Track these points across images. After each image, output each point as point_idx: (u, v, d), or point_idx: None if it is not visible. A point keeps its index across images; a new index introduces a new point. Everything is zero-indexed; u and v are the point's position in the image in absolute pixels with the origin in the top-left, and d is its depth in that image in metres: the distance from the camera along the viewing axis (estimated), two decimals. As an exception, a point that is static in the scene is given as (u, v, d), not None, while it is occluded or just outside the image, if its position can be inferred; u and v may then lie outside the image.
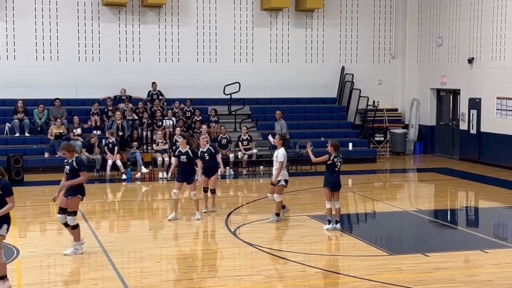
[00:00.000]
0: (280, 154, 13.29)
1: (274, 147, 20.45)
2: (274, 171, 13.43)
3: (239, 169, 20.09)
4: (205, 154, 13.86)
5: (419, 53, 24.84)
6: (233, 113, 22.55)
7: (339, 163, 12.56)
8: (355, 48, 24.77)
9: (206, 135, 13.94)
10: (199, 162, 13.58)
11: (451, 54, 23.11)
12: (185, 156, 13.43)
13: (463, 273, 9.91)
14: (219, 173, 14.57)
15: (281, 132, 19.28)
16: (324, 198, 12.83)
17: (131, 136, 20.12)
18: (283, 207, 13.53)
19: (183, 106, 22.11)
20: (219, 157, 14.57)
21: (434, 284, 9.31)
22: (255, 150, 20.35)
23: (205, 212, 13.96)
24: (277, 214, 13.38)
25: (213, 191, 14.11)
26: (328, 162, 12.55)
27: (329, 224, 12.57)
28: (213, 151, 14.06)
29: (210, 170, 13.90)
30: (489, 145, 21.28)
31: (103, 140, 19.56)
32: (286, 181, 13.40)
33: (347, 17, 24.66)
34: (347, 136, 23.01)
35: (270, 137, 19.64)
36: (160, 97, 22.39)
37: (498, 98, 20.82)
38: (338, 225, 12.57)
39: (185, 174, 13.44)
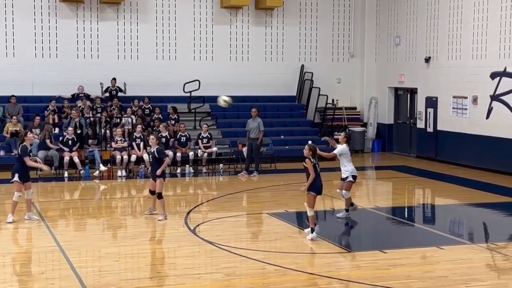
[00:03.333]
0: (338, 149, 13.69)
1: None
2: (342, 167, 13.67)
3: (199, 167, 20.03)
4: (150, 155, 13.66)
5: (377, 52, 25.11)
6: (193, 111, 22.48)
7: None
8: (314, 46, 24.91)
9: (153, 137, 13.63)
10: (166, 160, 13.50)
11: (408, 53, 23.41)
12: (151, 155, 13.46)
13: (420, 270, 10.04)
14: (159, 172, 13.90)
15: (258, 130, 19.21)
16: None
17: (89, 133, 19.88)
18: (352, 204, 13.65)
19: (142, 103, 21.95)
20: (166, 162, 13.57)
21: (391, 281, 9.42)
22: (215, 148, 20.31)
23: (149, 213, 13.71)
24: (346, 210, 13.57)
25: (158, 196, 13.38)
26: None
27: (312, 232, 11.71)
28: (158, 154, 13.46)
29: (155, 172, 13.55)
30: (445, 143, 21.62)
31: (60, 138, 19.35)
32: (354, 177, 13.55)
33: (306, 15, 24.79)
34: (307, 134, 23.12)
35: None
36: (119, 93, 22.18)
37: (454, 97, 21.17)
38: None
39: (154, 172, 13.42)
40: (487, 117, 19.83)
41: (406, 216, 14.97)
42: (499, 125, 19.31)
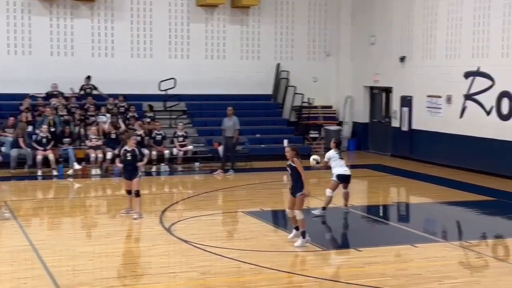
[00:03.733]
0: (327, 155, 14.05)
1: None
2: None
3: (174, 166, 19.95)
4: (128, 154, 13.58)
5: (353, 51, 25.22)
6: (168, 109, 22.39)
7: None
8: (290, 45, 24.95)
9: (134, 138, 13.57)
10: (145, 159, 13.41)
11: (383, 53, 23.55)
12: (130, 154, 13.36)
13: (394, 267, 10.11)
14: (139, 173, 13.56)
15: (234, 129, 19.15)
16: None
17: (63, 132, 19.69)
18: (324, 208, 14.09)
19: (117, 102, 21.80)
20: (143, 161, 13.62)
21: (366, 279, 9.47)
22: (190, 147, 20.26)
23: (126, 213, 13.64)
24: (323, 208, 13.96)
25: (137, 193, 13.37)
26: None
27: (304, 237, 11.12)
28: (137, 154, 13.41)
29: (131, 172, 13.40)
30: (420, 142, 21.79)
31: (33, 136, 19.15)
32: (338, 176, 13.88)
33: (282, 14, 24.81)
34: (282, 133, 23.17)
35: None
36: (94, 91, 22.01)
37: (428, 96, 21.34)
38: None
39: (130, 171, 13.33)
40: (461, 116, 20.02)
41: (381, 214, 15.06)
42: (473, 124, 19.51)
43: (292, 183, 11.30)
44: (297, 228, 11.22)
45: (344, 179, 13.86)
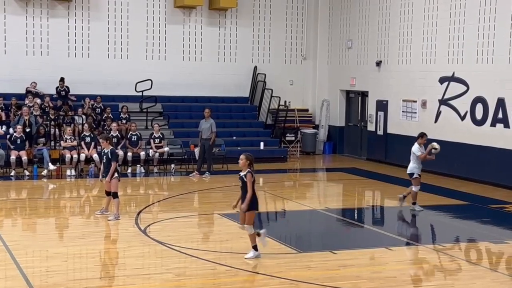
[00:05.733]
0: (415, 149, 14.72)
1: (187, 145, 20.41)
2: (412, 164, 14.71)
3: (150, 167, 19.88)
4: (104, 156, 13.50)
5: (329, 55, 25.35)
6: (145, 110, 22.31)
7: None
8: (267, 48, 25.01)
9: (102, 140, 13.51)
10: (113, 164, 13.29)
11: (360, 57, 23.70)
12: (105, 156, 13.34)
13: (369, 270, 10.17)
14: (116, 174, 13.37)
15: (210, 131, 19.10)
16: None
17: (38, 132, 19.51)
18: (404, 197, 14.89)
19: (93, 102, 21.67)
20: (114, 164, 13.30)
21: (341, 281, 9.51)
22: (166, 148, 20.19)
23: (100, 213, 13.56)
24: (414, 203, 14.62)
25: (114, 195, 13.29)
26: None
27: (256, 250, 10.66)
28: (110, 156, 13.33)
29: (108, 173, 13.38)
30: (394, 146, 21.95)
31: (7, 136, 18.97)
32: (419, 175, 14.69)
33: (260, 17, 24.87)
34: (259, 136, 23.21)
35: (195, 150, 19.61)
36: (69, 94, 21.83)
37: (403, 100, 21.52)
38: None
39: (107, 173, 13.27)
40: (436, 121, 20.22)
41: (356, 217, 15.13)
42: (447, 129, 19.70)
43: (242, 196, 10.56)
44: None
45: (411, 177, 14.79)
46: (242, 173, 10.51)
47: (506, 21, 17.64)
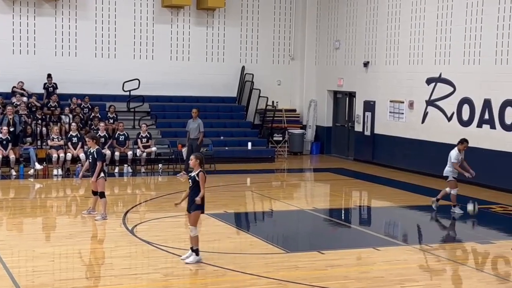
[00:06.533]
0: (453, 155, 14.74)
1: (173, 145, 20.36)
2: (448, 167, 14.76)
3: (137, 167, 19.82)
4: (90, 156, 13.44)
5: (317, 56, 25.39)
6: (132, 110, 22.24)
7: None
8: (255, 48, 25.01)
9: (89, 139, 13.47)
10: (99, 163, 13.24)
11: (347, 58, 23.76)
12: (91, 156, 13.28)
13: (356, 270, 10.19)
14: (102, 174, 13.27)
15: (198, 131, 19.06)
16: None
17: (25, 131, 19.40)
18: (437, 200, 14.96)
19: (80, 102, 21.57)
20: (99, 164, 13.22)
21: (329, 281, 9.53)
22: (154, 148, 20.13)
23: (87, 213, 13.50)
24: (454, 206, 14.67)
25: (101, 195, 13.23)
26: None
27: (197, 254, 10.27)
28: (96, 155, 13.25)
29: (94, 173, 13.27)
30: (382, 146, 22.02)
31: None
32: (454, 178, 14.75)
33: (248, 17, 24.87)
34: (247, 136, 23.21)
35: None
36: (56, 90, 21.74)
37: (391, 101, 21.59)
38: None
39: (93, 172, 13.22)
40: (423, 121, 20.30)
41: (343, 217, 15.17)
42: (434, 130, 19.79)
43: (190, 196, 10.21)
44: (191, 248, 10.29)
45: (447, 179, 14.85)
46: (193, 173, 10.25)
47: (493, 23, 17.75)
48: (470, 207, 13.98)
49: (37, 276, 9.53)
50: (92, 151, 13.30)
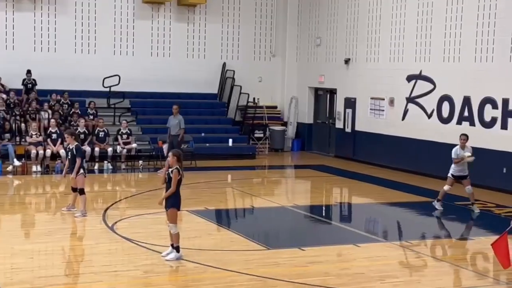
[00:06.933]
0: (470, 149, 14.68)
1: (154, 141, 20.29)
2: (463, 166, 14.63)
3: (118, 164, 19.71)
4: (69, 153, 13.34)
5: (298, 52, 25.42)
6: (112, 106, 22.10)
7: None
8: (236, 45, 24.97)
9: (67, 135, 13.37)
10: (78, 160, 13.14)
11: (328, 55, 23.80)
12: (70, 152, 13.18)
13: (337, 267, 10.22)
14: (81, 170, 13.19)
15: (179, 127, 18.98)
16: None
17: (3, 127, 19.20)
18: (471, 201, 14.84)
19: (59, 98, 21.40)
20: (78, 161, 13.14)
21: (309, 277, 9.55)
22: (134, 145, 20.04)
23: (67, 210, 13.41)
24: (438, 200, 14.75)
25: (80, 191, 13.13)
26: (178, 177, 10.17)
27: (178, 251, 10.26)
28: (75, 152, 13.17)
29: (73, 170, 13.17)
30: (362, 143, 22.10)
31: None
32: (452, 175, 14.70)
33: (229, 13, 24.81)
34: (228, 132, 23.18)
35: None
36: (35, 86, 21.55)
37: (372, 98, 21.67)
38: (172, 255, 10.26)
39: (73, 169, 13.12)
40: (403, 118, 20.40)
41: (324, 214, 15.20)
42: (414, 127, 19.90)
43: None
44: (172, 245, 10.26)
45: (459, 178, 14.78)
46: (170, 169, 10.21)
47: (473, 20, 17.87)
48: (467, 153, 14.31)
49: (16, 273, 9.44)
50: (71, 147, 13.21)
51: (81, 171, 13.19)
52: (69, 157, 13.21)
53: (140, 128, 22.02)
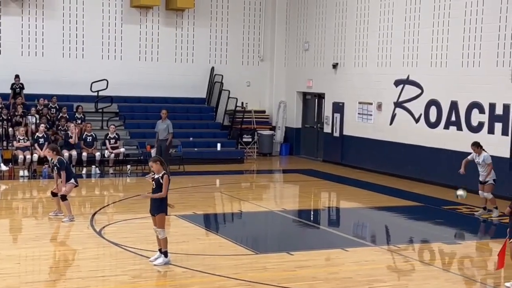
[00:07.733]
0: (487, 157, 14.62)
1: (143, 146, 20.26)
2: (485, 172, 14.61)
3: (106, 168, 19.65)
4: (54, 168, 13.29)
5: (286, 57, 25.46)
6: (100, 110, 22.05)
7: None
8: (224, 49, 24.99)
9: (49, 150, 13.33)
10: (63, 173, 13.06)
11: (316, 59, 23.86)
12: (55, 168, 13.15)
13: (325, 271, 10.23)
14: (72, 180, 13.19)
15: (167, 132, 18.93)
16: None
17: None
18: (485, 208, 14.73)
19: (47, 102, 21.31)
20: (63, 174, 13.05)
21: (298, 282, 9.55)
22: (122, 149, 19.98)
23: (54, 215, 13.36)
24: (490, 210, 14.60)
25: (62, 198, 13.05)
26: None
27: (166, 256, 10.26)
28: (58, 165, 13.09)
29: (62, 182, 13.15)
30: (350, 148, 22.16)
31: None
32: (494, 180, 14.57)
33: (217, 18, 24.83)
34: (216, 137, 23.17)
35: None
36: (23, 91, 21.46)
37: (359, 102, 21.73)
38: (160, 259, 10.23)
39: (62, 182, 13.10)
40: (391, 123, 20.47)
41: (312, 218, 15.22)
42: (402, 131, 19.97)
43: (152, 199, 10.24)
44: (160, 250, 10.27)
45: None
46: (157, 175, 10.18)
47: (460, 25, 17.97)
48: (460, 192, 14.19)
49: (3, 279, 9.38)
50: (54, 162, 13.16)
51: (72, 180, 13.14)
52: (56, 171, 13.16)
53: (128, 132, 21.98)
